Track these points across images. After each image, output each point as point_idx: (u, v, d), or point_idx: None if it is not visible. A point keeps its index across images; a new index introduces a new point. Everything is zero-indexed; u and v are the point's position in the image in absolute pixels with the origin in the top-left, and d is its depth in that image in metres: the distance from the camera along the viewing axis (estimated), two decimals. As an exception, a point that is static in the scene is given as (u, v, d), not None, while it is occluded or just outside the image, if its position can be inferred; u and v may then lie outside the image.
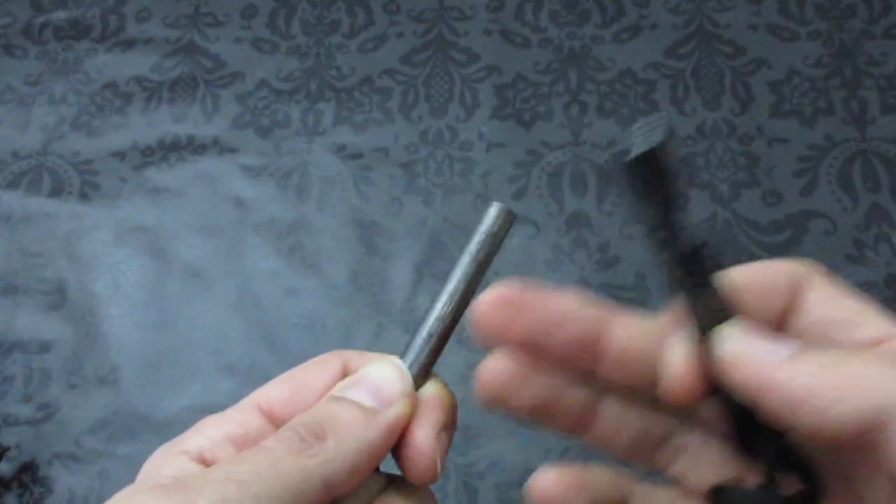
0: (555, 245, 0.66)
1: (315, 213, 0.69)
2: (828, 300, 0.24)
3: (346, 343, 0.64)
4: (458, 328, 0.27)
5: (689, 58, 0.72)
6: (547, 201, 0.67)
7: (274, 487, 0.21)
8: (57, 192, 0.72)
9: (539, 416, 0.24)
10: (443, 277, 0.26)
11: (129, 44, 0.79)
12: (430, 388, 0.26)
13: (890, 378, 0.19)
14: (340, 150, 0.72)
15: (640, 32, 0.74)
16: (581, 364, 0.23)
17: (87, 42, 0.80)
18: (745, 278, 0.23)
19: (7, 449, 0.61)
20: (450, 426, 0.25)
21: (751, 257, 0.63)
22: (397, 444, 0.24)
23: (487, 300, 0.24)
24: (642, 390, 0.23)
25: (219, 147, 0.73)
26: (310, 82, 0.75)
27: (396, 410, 0.24)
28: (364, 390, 0.24)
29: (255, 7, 0.80)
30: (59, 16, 0.81)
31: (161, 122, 0.75)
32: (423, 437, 0.24)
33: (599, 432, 0.25)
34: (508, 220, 0.27)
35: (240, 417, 0.25)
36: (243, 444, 0.24)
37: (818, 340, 0.23)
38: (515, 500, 0.58)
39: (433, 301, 0.27)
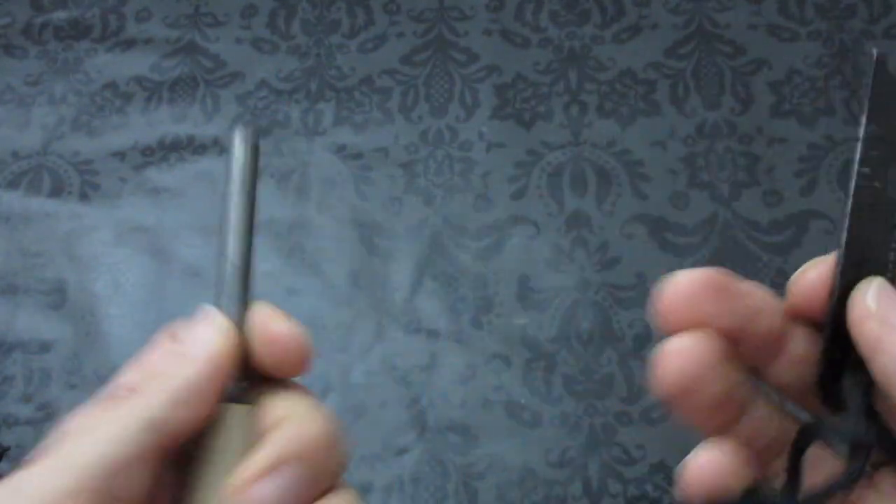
0: (555, 245, 0.66)
1: (315, 213, 0.69)
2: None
3: (346, 343, 0.64)
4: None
5: (689, 58, 0.72)
6: (547, 201, 0.67)
7: (101, 454, 0.21)
8: (57, 192, 0.72)
9: (711, 411, 0.24)
10: (443, 277, 0.26)
11: (129, 44, 0.79)
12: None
13: None
14: (340, 150, 0.72)
15: (640, 32, 0.74)
16: (758, 360, 0.24)
17: (87, 42, 0.80)
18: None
19: (7, 449, 0.61)
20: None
21: (751, 257, 0.63)
22: None
23: (692, 282, 0.23)
24: (804, 396, 0.24)
25: (219, 147, 0.73)
26: (310, 82, 0.75)
27: (209, 345, 0.24)
28: (178, 341, 0.25)
29: (255, 7, 0.80)
30: (59, 16, 0.81)
31: (161, 122, 0.75)
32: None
33: (742, 433, 0.24)
34: (253, 141, 0.26)
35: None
36: None
37: None
38: (515, 500, 0.58)
39: (220, 245, 0.26)
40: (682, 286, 0.23)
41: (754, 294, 0.24)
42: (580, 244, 0.66)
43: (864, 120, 0.21)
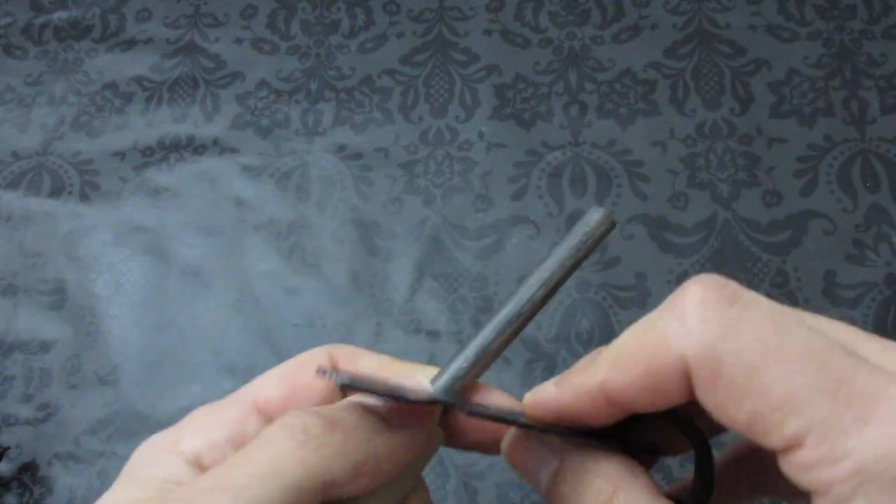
0: (555, 245, 0.66)
1: (315, 213, 0.69)
2: (720, 408, 0.19)
3: (346, 343, 0.64)
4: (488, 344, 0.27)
5: (689, 58, 0.72)
6: (547, 201, 0.68)
7: (271, 490, 0.19)
8: (57, 192, 0.72)
9: None
10: (443, 277, 0.25)
11: (129, 44, 0.79)
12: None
13: None
14: (340, 150, 0.72)
15: (640, 32, 0.74)
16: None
17: (87, 42, 0.80)
18: (623, 384, 0.20)
19: (7, 449, 0.61)
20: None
21: (751, 257, 0.63)
22: None
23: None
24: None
25: (219, 147, 0.73)
26: (310, 82, 0.75)
27: (417, 435, 0.23)
28: (392, 403, 0.23)
29: (255, 7, 0.80)
30: (59, 16, 0.81)
31: (161, 122, 0.75)
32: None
33: None
34: (608, 226, 0.24)
35: (238, 417, 0.23)
36: (242, 445, 0.22)
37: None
38: (515, 500, 0.58)
39: (501, 308, 0.25)
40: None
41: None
42: (580, 244, 0.66)
43: None
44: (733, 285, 0.19)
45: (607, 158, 0.69)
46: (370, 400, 0.23)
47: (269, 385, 0.24)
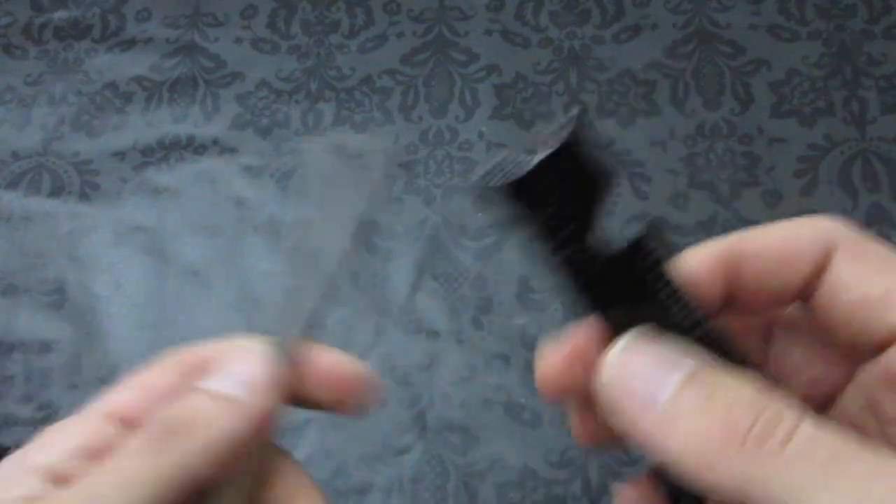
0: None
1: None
2: (859, 278, 0.22)
3: (346, 343, 0.64)
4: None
5: (689, 58, 0.72)
6: (547, 201, 0.67)
7: (129, 498, 0.20)
8: (57, 192, 0.72)
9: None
10: (443, 277, 0.25)
11: (129, 44, 0.79)
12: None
13: (744, 464, 0.18)
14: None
15: (640, 32, 0.74)
16: None
17: (87, 42, 0.80)
18: (763, 243, 0.23)
19: (7, 449, 0.61)
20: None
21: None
22: None
23: (559, 354, 0.24)
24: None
25: (219, 147, 0.73)
26: (310, 82, 0.75)
27: (262, 400, 0.23)
28: (226, 379, 0.23)
29: (255, 7, 0.80)
30: (59, 16, 0.81)
31: (161, 122, 0.75)
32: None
33: None
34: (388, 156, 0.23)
35: (90, 426, 0.23)
36: (98, 454, 0.22)
37: (848, 324, 0.22)
38: (515, 501, 0.58)
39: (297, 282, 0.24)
40: (552, 361, 0.24)
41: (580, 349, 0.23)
42: (580, 244, 0.66)
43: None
44: None
45: (607, 158, 0.69)
46: (219, 383, 0.23)
47: (117, 391, 0.24)
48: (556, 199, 0.19)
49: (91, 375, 0.64)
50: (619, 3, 0.75)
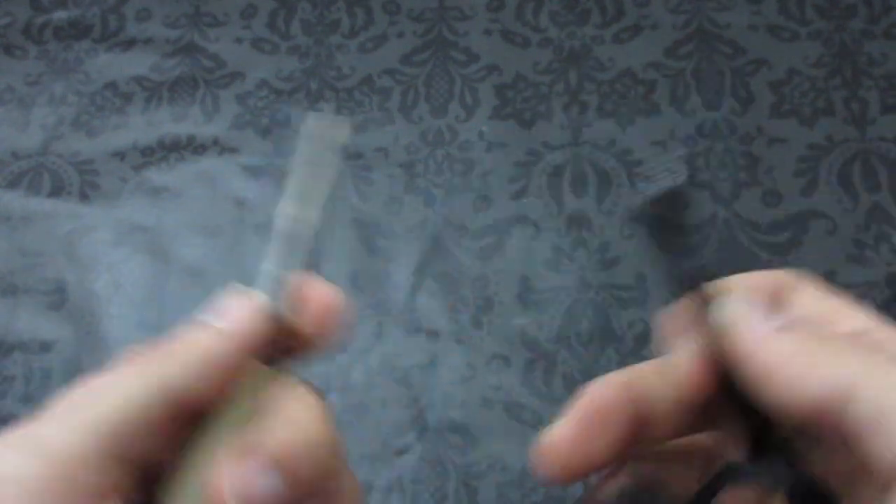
0: (555, 245, 0.66)
1: (315, 213, 0.69)
2: (810, 299, 0.24)
3: (346, 343, 0.64)
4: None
5: (689, 58, 0.72)
6: (547, 201, 0.67)
7: (110, 402, 0.22)
8: (57, 192, 0.72)
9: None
10: (443, 277, 0.25)
11: (129, 44, 0.79)
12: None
13: (856, 360, 0.20)
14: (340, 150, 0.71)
15: (640, 32, 0.74)
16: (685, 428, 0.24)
17: (87, 42, 0.80)
18: (735, 285, 0.24)
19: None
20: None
21: (751, 257, 0.63)
22: None
23: (568, 432, 0.23)
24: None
25: (219, 147, 0.73)
26: (310, 82, 0.75)
27: (243, 324, 0.24)
28: (213, 314, 0.25)
29: (255, 7, 0.80)
30: (59, 16, 0.81)
31: (161, 122, 0.75)
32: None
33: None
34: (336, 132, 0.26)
35: None
36: None
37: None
38: (515, 500, 0.58)
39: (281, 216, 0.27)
40: (561, 438, 0.23)
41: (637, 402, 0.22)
42: (580, 244, 0.66)
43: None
44: None
45: (607, 158, 0.69)
46: (206, 317, 0.25)
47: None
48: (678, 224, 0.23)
49: (91, 376, 0.64)
50: (619, 3, 0.75)
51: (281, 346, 0.26)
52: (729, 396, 0.23)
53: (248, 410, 0.24)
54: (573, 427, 0.22)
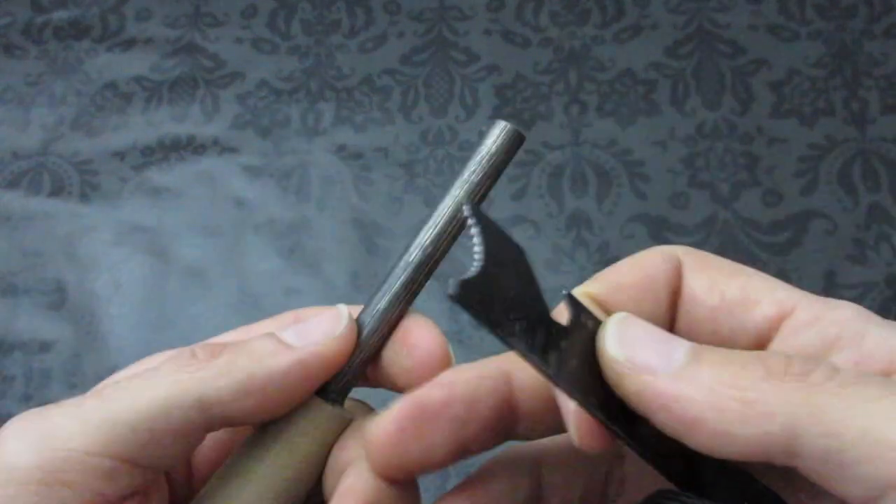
0: (555, 245, 0.66)
1: (315, 213, 0.69)
2: (712, 284, 0.21)
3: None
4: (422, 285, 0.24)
5: (689, 58, 0.72)
6: (547, 201, 0.67)
7: (141, 403, 0.20)
8: (57, 192, 0.72)
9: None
10: (443, 277, 0.24)
11: (129, 44, 0.79)
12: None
13: (788, 394, 0.17)
14: (340, 150, 0.72)
15: (640, 32, 0.74)
16: (499, 437, 0.21)
17: (87, 42, 0.80)
18: (618, 279, 0.21)
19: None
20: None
21: (751, 257, 0.63)
22: None
23: (391, 425, 0.20)
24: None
25: (219, 147, 0.73)
26: (310, 82, 0.75)
27: (314, 347, 0.22)
28: (293, 331, 0.22)
29: (255, 7, 0.80)
30: (59, 16, 0.81)
31: (161, 122, 0.75)
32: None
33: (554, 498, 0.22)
34: (514, 142, 0.23)
35: None
36: None
37: (714, 332, 0.21)
38: (515, 500, 0.58)
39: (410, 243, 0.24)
40: (384, 432, 0.20)
41: (449, 401, 0.20)
42: (580, 244, 0.66)
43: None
44: None
45: (607, 158, 0.69)
46: (285, 333, 0.22)
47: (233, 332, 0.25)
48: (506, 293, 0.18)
49: (91, 375, 0.64)
50: (619, 3, 0.75)
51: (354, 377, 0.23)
52: (630, 438, 0.20)
53: (298, 450, 0.22)
54: (392, 426, 0.20)
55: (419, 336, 0.23)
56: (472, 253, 0.18)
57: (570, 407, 0.19)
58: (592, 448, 0.19)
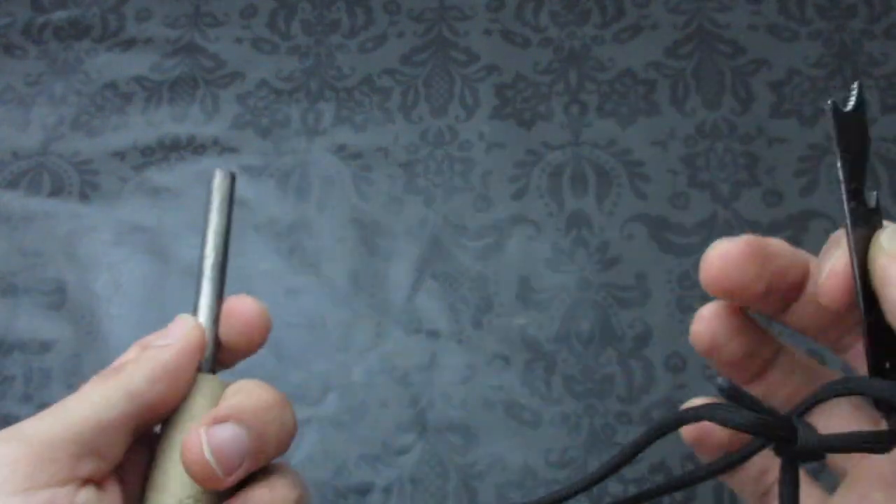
0: (555, 245, 0.66)
1: (315, 213, 0.69)
2: None
3: (346, 343, 0.64)
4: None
5: (689, 58, 0.72)
6: (547, 201, 0.67)
7: (80, 404, 0.26)
8: (57, 192, 0.72)
9: (735, 367, 0.27)
10: (443, 277, 0.25)
11: (129, 44, 0.79)
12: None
13: None
14: (340, 150, 0.72)
15: (640, 32, 0.74)
16: (781, 307, 0.26)
17: (87, 42, 0.80)
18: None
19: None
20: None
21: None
22: None
23: (731, 251, 0.25)
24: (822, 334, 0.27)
25: (219, 147, 0.73)
26: (310, 82, 0.75)
27: (184, 338, 0.30)
28: (162, 337, 0.31)
29: (255, 7, 0.80)
30: (59, 16, 0.81)
31: (161, 122, 0.75)
32: None
33: (768, 383, 0.28)
34: (231, 182, 0.35)
35: None
36: None
37: None
38: (515, 500, 0.58)
39: (200, 260, 0.34)
40: (723, 256, 0.25)
41: (782, 254, 0.26)
42: (580, 244, 0.66)
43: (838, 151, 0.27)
44: None
45: (607, 158, 0.69)
46: (154, 339, 0.31)
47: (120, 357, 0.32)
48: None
49: (91, 375, 0.64)
50: (619, 3, 0.75)
51: (220, 355, 0.31)
52: (865, 310, 0.24)
53: (200, 407, 0.29)
54: (741, 246, 0.25)
55: (238, 307, 0.33)
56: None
57: (837, 268, 0.26)
58: (835, 302, 0.25)
